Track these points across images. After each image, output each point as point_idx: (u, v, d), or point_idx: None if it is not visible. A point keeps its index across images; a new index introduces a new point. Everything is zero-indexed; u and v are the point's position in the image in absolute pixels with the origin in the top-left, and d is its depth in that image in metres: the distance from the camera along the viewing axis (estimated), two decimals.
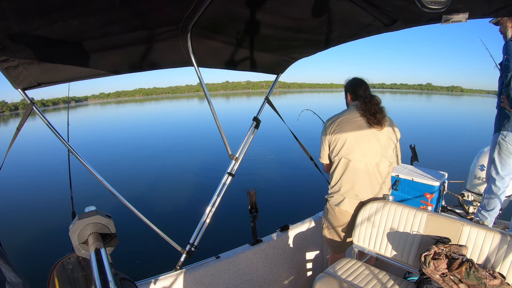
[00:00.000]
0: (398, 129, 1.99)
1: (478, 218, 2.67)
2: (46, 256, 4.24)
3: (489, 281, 1.28)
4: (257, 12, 1.46)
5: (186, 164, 10.77)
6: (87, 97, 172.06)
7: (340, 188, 1.96)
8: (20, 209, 7.17)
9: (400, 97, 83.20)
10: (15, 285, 0.86)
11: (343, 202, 1.96)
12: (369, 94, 1.97)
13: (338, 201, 1.98)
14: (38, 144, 15.79)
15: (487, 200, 2.62)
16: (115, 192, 1.72)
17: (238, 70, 2.11)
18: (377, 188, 1.94)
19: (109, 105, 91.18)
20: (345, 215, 1.97)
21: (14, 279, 0.87)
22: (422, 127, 18.46)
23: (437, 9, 0.91)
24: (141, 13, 1.25)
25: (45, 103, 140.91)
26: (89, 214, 0.72)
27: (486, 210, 2.64)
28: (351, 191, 1.93)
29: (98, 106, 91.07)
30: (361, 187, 1.92)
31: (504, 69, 2.37)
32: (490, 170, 2.57)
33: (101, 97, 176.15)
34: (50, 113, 11.72)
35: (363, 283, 1.67)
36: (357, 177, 1.92)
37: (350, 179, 1.93)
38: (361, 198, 1.94)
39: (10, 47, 1.18)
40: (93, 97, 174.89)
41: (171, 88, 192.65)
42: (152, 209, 6.24)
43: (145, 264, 4.25)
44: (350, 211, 1.96)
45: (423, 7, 0.91)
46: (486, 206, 2.63)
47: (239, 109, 41.36)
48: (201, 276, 1.96)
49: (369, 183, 1.92)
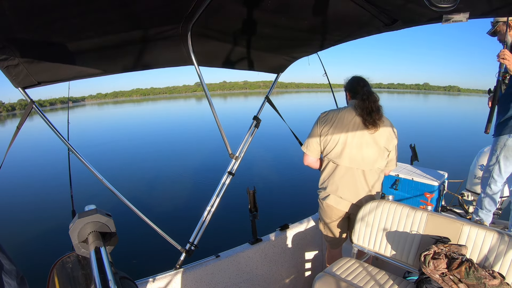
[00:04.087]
0: (396, 134, 1.93)
1: (478, 218, 2.67)
2: (46, 255, 4.24)
3: (489, 281, 1.29)
4: (257, 12, 1.46)
5: (186, 163, 10.77)
6: (85, 97, 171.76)
7: (326, 188, 2.01)
8: (20, 208, 7.17)
9: (397, 97, 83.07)
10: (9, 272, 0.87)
11: (328, 197, 2.00)
12: (367, 90, 1.89)
13: (324, 196, 2.03)
14: (38, 143, 15.79)
15: (487, 200, 2.62)
16: (115, 191, 1.72)
17: (238, 69, 2.11)
18: (362, 194, 1.95)
19: (107, 105, 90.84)
20: (332, 210, 2.01)
21: (8, 266, 0.88)
22: (421, 127, 18.48)
23: (446, 7, 0.89)
24: (142, 12, 1.25)
25: (42, 104, 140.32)
26: (89, 213, 0.72)
27: (487, 210, 2.64)
28: (336, 192, 1.97)
29: (95, 107, 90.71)
30: (344, 191, 1.95)
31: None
32: (492, 171, 2.56)
33: (98, 97, 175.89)
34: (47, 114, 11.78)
35: (362, 282, 1.67)
36: (342, 181, 1.94)
37: (335, 182, 1.96)
38: (345, 199, 1.96)
39: (10, 46, 1.17)
40: (91, 97, 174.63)
41: (169, 88, 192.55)
42: (152, 208, 6.25)
43: (145, 263, 4.25)
44: (336, 206, 1.99)
45: (431, 6, 0.89)
46: (487, 206, 2.63)
47: (238, 108, 41.36)
48: (201, 275, 1.96)
49: (353, 189, 1.94)
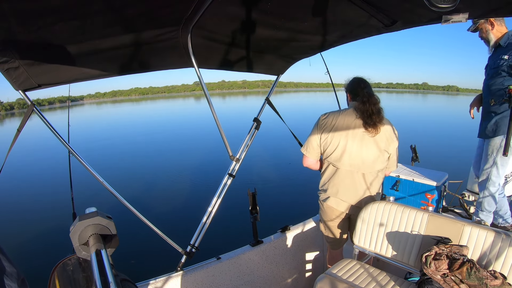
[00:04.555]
0: (396, 136, 1.92)
1: (479, 218, 2.66)
2: (47, 257, 4.23)
3: (490, 282, 1.28)
4: (258, 13, 1.46)
5: (187, 165, 10.77)
6: (83, 97, 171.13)
7: (327, 190, 2.02)
8: (21, 210, 7.17)
9: (396, 96, 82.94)
10: (10, 274, 0.86)
11: (329, 199, 2.01)
12: (367, 92, 1.88)
13: (324, 198, 2.04)
14: (38, 145, 15.80)
15: (486, 201, 2.62)
16: (116, 193, 1.72)
17: (238, 71, 2.11)
18: (362, 196, 1.96)
19: (106, 105, 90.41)
20: (333, 211, 2.01)
21: (9, 268, 0.88)
22: (421, 127, 18.46)
23: (446, 8, 0.89)
24: (142, 14, 1.25)
25: (40, 103, 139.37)
26: (89, 215, 0.72)
27: (487, 211, 2.63)
28: (336, 195, 1.98)
29: (94, 106, 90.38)
30: (345, 194, 1.96)
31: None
32: (490, 173, 2.56)
33: (97, 97, 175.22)
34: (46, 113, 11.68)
35: (364, 283, 1.67)
36: (341, 185, 1.95)
37: (336, 185, 1.97)
38: (346, 202, 1.97)
39: (11, 49, 1.18)
40: (89, 96, 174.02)
41: (167, 87, 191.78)
42: (153, 210, 6.24)
43: (145, 265, 4.25)
44: (336, 208, 1.99)
45: (432, 6, 0.89)
46: (486, 207, 2.63)
47: (236, 107, 41.29)
48: (202, 277, 1.96)
49: (354, 191, 1.95)
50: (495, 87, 2.50)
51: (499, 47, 2.50)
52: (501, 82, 2.46)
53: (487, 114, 2.61)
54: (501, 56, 2.46)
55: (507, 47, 2.45)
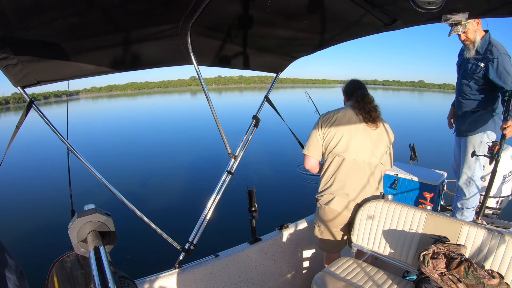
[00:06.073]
0: (392, 132, 2.03)
1: (474, 217, 2.68)
2: (45, 254, 4.23)
3: (488, 281, 1.29)
4: (257, 11, 1.46)
5: (185, 162, 10.75)
6: (79, 91, 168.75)
7: (331, 186, 1.98)
8: (19, 207, 7.15)
9: (393, 94, 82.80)
10: (8, 266, 0.86)
11: (332, 200, 1.97)
12: (360, 93, 2.00)
13: (327, 200, 1.99)
14: (36, 141, 15.74)
15: (472, 199, 2.66)
16: (114, 190, 1.72)
17: (237, 68, 2.10)
18: (368, 189, 1.96)
19: (101, 99, 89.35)
20: (335, 214, 1.98)
21: (8, 260, 0.87)
22: (419, 126, 18.46)
23: (431, 9, 0.91)
24: (141, 11, 1.24)
25: (36, 97, 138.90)
26: (88, 212, 0.72)
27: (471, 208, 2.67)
28: (342, 189, 1.95)
29: (90, 100, 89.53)
30: (352, 187, 1.95)
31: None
32: (474, 169, 2.59)
33: (93, 91, 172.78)
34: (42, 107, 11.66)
35: (361, 282, 1.68)
36: (349, 176, 1.94)
37: (342, 178, 1.95)
38: (351, 198, 1.96)
39: (10, 45, 1.17)
40: (85, 91, 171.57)
41: (163, 82, 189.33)
42: (151, 207, 6.23)
43: (144, 262, 4.25)
44: (339, 210, 1.96)
45: (417, 7, 0.92)
46: (470, 204, 2.66)
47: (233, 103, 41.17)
48: (200, 274, 1.96)
49: (360, 183, 1.95)
50: (470, 92, 2.58)
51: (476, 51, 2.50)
52: (476, 89, 2.55)
53: (464, 113, 2.67)
54: (478, 62, 2.48)
55: (484, 54, 2.45)
